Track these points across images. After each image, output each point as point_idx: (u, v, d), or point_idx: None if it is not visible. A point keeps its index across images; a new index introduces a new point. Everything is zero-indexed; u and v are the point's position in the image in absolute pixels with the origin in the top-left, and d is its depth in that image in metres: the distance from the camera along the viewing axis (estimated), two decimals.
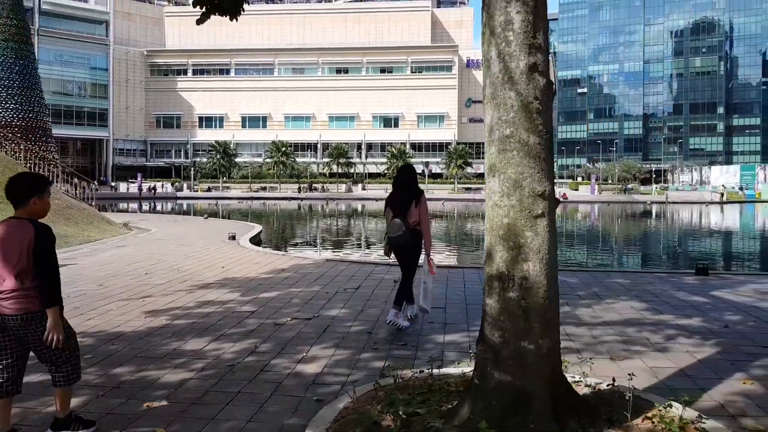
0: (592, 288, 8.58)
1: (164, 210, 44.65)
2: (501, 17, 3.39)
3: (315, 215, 40.86)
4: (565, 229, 30.70)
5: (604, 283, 9.02)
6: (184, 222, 23.09)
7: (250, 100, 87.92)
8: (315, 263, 10.97)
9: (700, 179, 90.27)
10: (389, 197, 6.55)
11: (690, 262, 9.61)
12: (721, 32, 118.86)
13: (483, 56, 3.58)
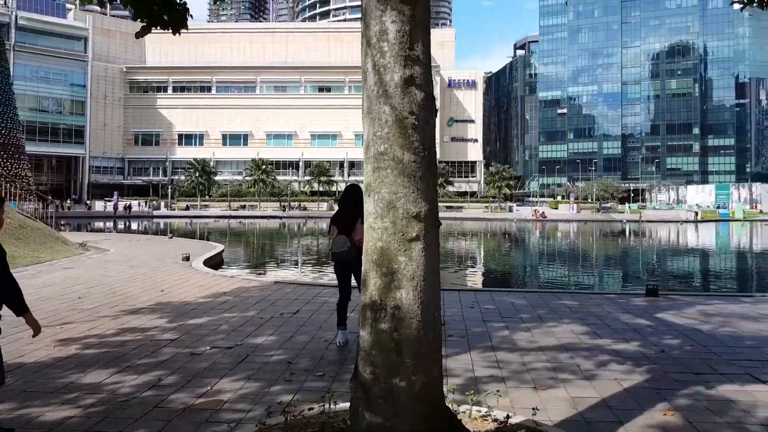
0: (537, 310, 8.34)
1: (138, 229, 43.88)
2: (376, 27, 3.17)
3: (289, 235, 40.41)
4: (533, 248, 30.67)
5: (551, 304, 8.78)
6: (147, 242, 22.55)
7: (231, 117, 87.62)
8: (261, 286, 10.60)
9: (677, 198, 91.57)
10: (335, 216, 6.53)
11: (645, 283, 9.47)
12: (696, 55, 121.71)
13: (361, 68, 3.35)
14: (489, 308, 8.50)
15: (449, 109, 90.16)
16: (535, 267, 20.97)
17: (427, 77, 3.24)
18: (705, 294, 10.10)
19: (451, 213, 67.56)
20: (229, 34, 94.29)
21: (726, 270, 20.89)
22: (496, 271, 19.75)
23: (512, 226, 48.53)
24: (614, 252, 29.00)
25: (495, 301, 9.05)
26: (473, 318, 7.84)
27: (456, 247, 29.44)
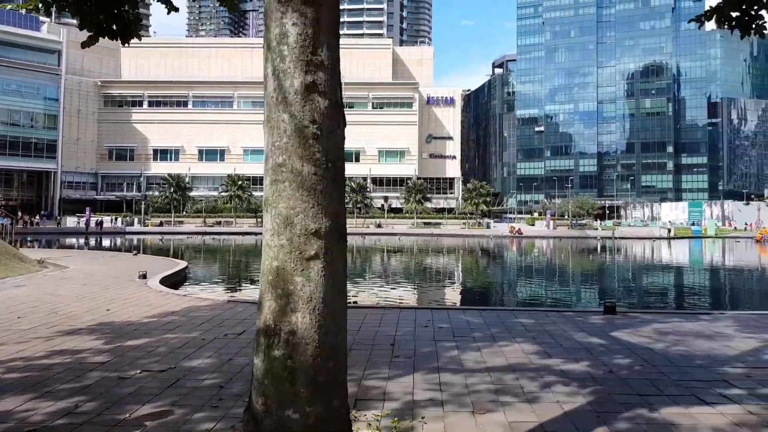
0: (491, 329, 8.14)
1: (110, 246, 42.95)
2: (276, 29, 2.96)
3: (259, 251, 39.81)
4: (502, 265, 30.38)
5: (507, 323, 8.59)
6: (110, 259, 21.94)
7: (207, 132, 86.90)
8: (212, 305, 10.24)
9: (651, 215, 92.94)
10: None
11: (606, 300, 9.35)
12: (669, 75, 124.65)
13: (263, 74, 3.14)
14: (443, 327, 8.28)
15: (428, 125, 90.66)
16: (500, 284, 20.73)
17: (334, 84, 3.04)
18: (664, 312, 9.99)
19: (428, 229, 67.58)
20: (207, 48, 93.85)
21: (689, 287, 20.74)
22: (460, 289, 19.52)
23: (487, 243, 48.51)
24: (582, 269, 28.59)
25: (451, 319, 8.83)
26: (425, 337, 7.61)
27: (427, 264, 29.21)
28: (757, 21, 6.79)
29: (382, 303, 13.02)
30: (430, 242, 49.32)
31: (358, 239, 52.96)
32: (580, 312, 9.43)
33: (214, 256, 34.31)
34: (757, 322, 8.81)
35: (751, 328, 8.32)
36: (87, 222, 63.12)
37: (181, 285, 16.19)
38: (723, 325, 8.53)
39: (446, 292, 18.01)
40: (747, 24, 6.73)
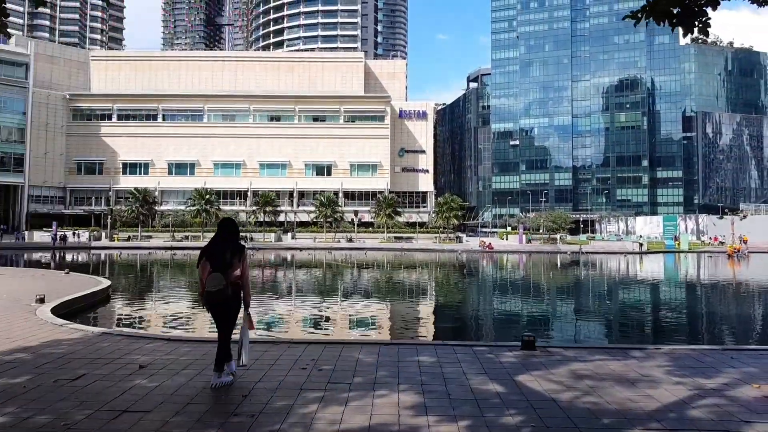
0: (379, 371, 6.94)
1: (72, 261, 41.04)
2: None
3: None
4: (449, 283, 28.09)
5: (403, 362, 7.40)
6: (33, 277, 20.34)
7: (177, 146, 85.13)
8: (80, 338, 8.92)
9: (626, 229, 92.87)
10: (208, 250, 6.39)
11: (526, 333, 7.98)
12: (644, 89, 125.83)
13: None
14: (324, 369, 7.05)
15: (400, 139, 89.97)
16: (431, 308, 18.74)
17: None
18: (591, 347, 8.71)
19: (398, 244, 66.45)
20: (177, 61, 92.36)
21: (637, 311, 18.89)
22: (386, 314, 17.26)
23: (453, 258, 47.37)
24: (530, 289, 25.77)
25: (340, 358, 7.61)
26: (292, 385, 6.39)
27: (373, 283, 27.56)
28: (701, 17, 5.90)
29: (279, 336, 11.62)
30: (394, 257, 48.10)
31: (321, 254, 51.60)
32: (496, 347, 8.27)
33: (152, 274, 32.66)
34: (696, 361, 7.75)
35: (685, 370, 7.26)
36: (54, 237, 61.15)
37: (93, 308, 14.81)
38: (654, 365, 7.46)
39: (368, 318, 16.15)
40: (689, 21, 5.80)
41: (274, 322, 14.34)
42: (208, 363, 7.05)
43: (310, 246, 62.46)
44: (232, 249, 6.34)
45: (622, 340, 13.07)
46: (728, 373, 7.08)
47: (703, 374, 7.00)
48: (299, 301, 19.49)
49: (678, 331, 14.52)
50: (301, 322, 14.72)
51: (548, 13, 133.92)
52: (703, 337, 13.90)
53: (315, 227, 75.22)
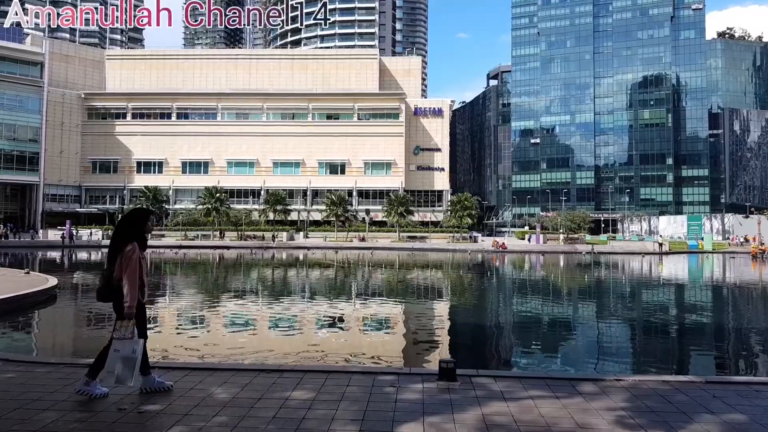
0: (219, 415, 5.40)
1: (83, 259, 40.64)
2: None
3: (194, 266, 37.32)
4: (437, 286, 25.58)
5: (267, 399, 5.75)
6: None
7: (191, 144, 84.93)
8: None
9: (649, 229, 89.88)
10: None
11: (446, 359, 6.05)
12: (669, 86, 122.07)
13: None
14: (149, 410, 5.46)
15: (415, 137, 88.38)
16: (393, 315, 16.39)
17: None
18: (531, 376, 6.95)
19: (410, 243, 64.96)
20: (191, 60, 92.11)
21: (619, 326, 15.48)
22: (340, 324, 14.50)
23: (462, 259, 45.67)
24: (513, 295, 22.66)
25: (196, 389, 6.04)
26: None
27: (361, 286, 25.87)
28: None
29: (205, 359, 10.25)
30: (400, 257, 46.61)
31: (325, 254, 50.43)
32: (407, 375, 6.64)
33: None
34: (663, 401, 5.84)
35: (644, 415, 5.37)
36: (68, 235, 61.41)
37: (25, 311, 13.86)
38: (603, 407, 5.60)
39: (319, 333, 13.16)
40: None
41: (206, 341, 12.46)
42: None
43: (320, 245, 61.42)
44: (112, 247, 5.87)
45: (586, 362, 10.61)
46: (703, 421, 5.20)
47: (665, 425, 5.10)
48: (257, 305, 18.22)
49: (663, 351, 11.92)
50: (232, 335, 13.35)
51: (570, 9, 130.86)
52: (689, 360, 11.17)
53: (328, 226, 74.14)
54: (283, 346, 11.15)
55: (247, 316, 15.53)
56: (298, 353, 10.29)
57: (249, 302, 18.65)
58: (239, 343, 11.48)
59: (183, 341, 11.54)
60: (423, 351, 11.17)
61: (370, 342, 12.05)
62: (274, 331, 13.29)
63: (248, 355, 9.98)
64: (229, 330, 13.20)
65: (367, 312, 16.60)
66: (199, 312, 16.18)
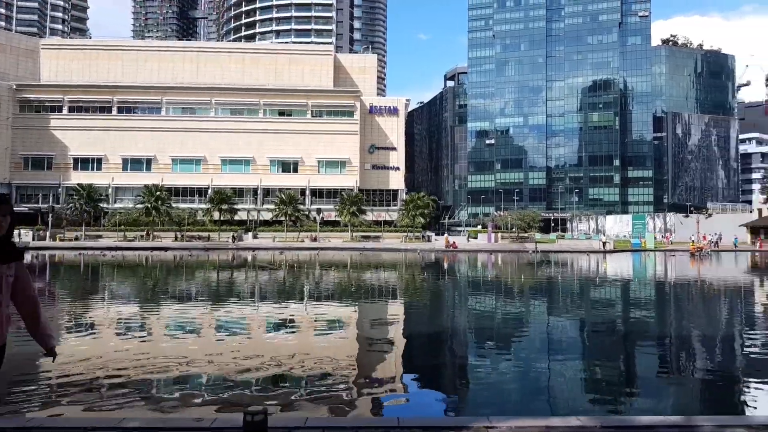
0: None
1: None
2: None
3: (108, 272, 35.08)
4: (344, 294, 23.57)
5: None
6: None
7: (133, 140, 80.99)
8: None
9: (596, 228, 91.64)
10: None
11: (251, 409, 4.36)
12: (616, 90, 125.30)
13: None
14: None
15: (371, 135, 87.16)
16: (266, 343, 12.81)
17: None
18: (358, 426, 5.26)
19: (362, 243, 63.67)
20: (134, 51, 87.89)
21: (522, 338, 13.15)
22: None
23: (407, 259, 44.64)
24: (429, 301, 20.13)
25: None
26: None
27: (232, 292, 24.64)
28: None
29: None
30: (348, 258, 45.24)
31: (269, 255, 48.60)
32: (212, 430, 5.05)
33: (48, 276, 29.39)
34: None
35: None
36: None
37: None
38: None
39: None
40: None
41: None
42: None
43: (268, 246, 59.35)
44: None
45: (474, 397, 8.53)
46: None
47: None
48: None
49: (571, 378, 9.64)
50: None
51: (524, 12, 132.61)
52: (600, 386, 9.14)
53: (279, 226, 71.88)
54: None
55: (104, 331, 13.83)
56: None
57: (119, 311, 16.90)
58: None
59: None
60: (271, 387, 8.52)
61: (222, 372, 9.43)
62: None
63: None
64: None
65: (249, 329, 14.34)
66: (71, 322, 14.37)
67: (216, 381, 8.86)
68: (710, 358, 11.48)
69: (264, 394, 8.12)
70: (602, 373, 10.15)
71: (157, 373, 9.37)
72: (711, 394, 8.94)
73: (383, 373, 9.75)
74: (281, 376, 9.19)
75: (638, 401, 8.42)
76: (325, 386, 8.56)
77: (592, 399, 8.48)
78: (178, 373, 9.34)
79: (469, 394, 8.80)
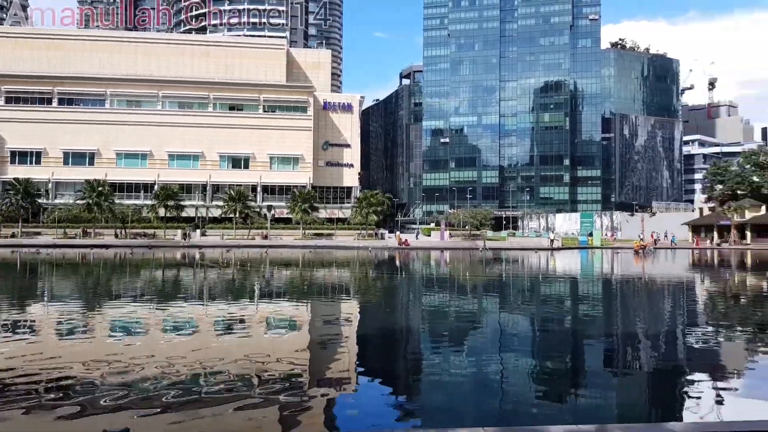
0: None
1: None
2: None
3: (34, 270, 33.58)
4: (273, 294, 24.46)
5: None
6: None
7: (75, 134, 77.61)
8: None
9: (546, 225, 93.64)
10: None
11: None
12: (567, 91, 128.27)
13: None
14: None
15: (324, 132, 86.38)
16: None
17: None
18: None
19: (313, 241, 62.93)
20: (77, 41, 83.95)
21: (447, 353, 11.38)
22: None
23: (355, 256, 44.22)
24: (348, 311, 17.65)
25: None
26: None
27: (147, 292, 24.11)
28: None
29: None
30: (295, 256, 44.49)
31: (217, 253, 47.41)
32: None
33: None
34: None
35: None
36: None
37: None
38: None
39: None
40: None
41: None
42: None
43: (216, 244, 57.87)
44: None
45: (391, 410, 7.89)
46: None
47: None
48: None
49: (486, 389, 8.89)
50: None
51: (478, 12, 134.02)
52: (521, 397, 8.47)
53: (229, 224, 70.26)
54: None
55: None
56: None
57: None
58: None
59: None
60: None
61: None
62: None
63: None
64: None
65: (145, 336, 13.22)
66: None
67: (89, 391, 8.18)
68: (636, 361, 11.34)
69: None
70: (526, 376, 9.83)
71: (40, 380, 8.67)
72: (630, 399, 8.71)
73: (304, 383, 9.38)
74: (191, 380, 8.71)
75: (554, 407, 8.14)
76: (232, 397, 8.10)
77: (509, 406, 8.14)
78: (68, 379, 8.71)
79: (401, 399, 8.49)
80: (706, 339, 12.83)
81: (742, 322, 15.39)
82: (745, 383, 9.39)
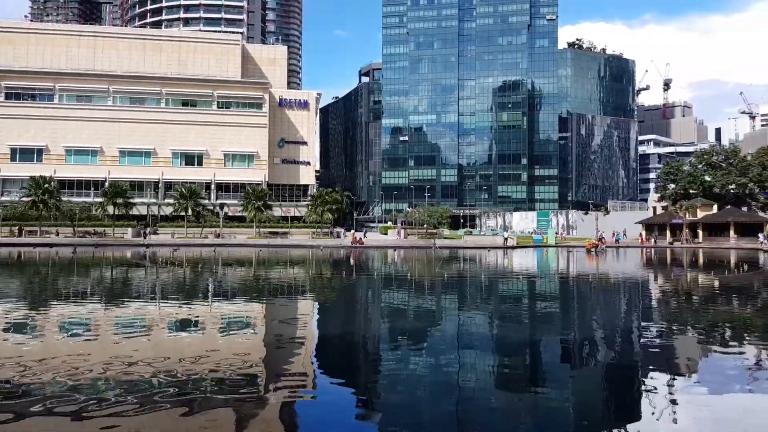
0: None
1: None
2: None
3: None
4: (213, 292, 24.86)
5: None
6: None
7: (21, 129, 74.92)
8: None
9: (504, 224, 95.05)
10: None
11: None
12: (525, 91, 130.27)
13: None
14: None
15: (281, 129, 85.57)
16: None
17: None
18: None
19: (267, 239, 62.30)
20: (23, 34, 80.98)
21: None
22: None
23: (305, 255, 43.95)
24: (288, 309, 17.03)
25: None
26: None
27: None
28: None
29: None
30: (247, 255, 44.02)
31: (164, 252, 46.42)
32: None
33: None
34: None
35: None
36: None
37: None
38: None
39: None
40: None
41: None
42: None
43: (166, 242, 56.65)
44: None
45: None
46: None
47: None
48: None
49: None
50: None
51: (437, 11, 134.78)
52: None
53: (181, 222, 68.86)
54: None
55: None
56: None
57: None
58: None
59: None
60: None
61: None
62: None
63: None
64: None
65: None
66: None
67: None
68: (581, 365, 10.67)
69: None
70: (468, 382, 9.11)
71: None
72: (572, 409, 8.03)
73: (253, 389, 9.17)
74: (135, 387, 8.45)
75: (507, 408, 7.78)
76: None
77: (444, 414, 7.52)
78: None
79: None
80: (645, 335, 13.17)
81: (670, 316, 15.88)
82: (697, 379, 9.33)
